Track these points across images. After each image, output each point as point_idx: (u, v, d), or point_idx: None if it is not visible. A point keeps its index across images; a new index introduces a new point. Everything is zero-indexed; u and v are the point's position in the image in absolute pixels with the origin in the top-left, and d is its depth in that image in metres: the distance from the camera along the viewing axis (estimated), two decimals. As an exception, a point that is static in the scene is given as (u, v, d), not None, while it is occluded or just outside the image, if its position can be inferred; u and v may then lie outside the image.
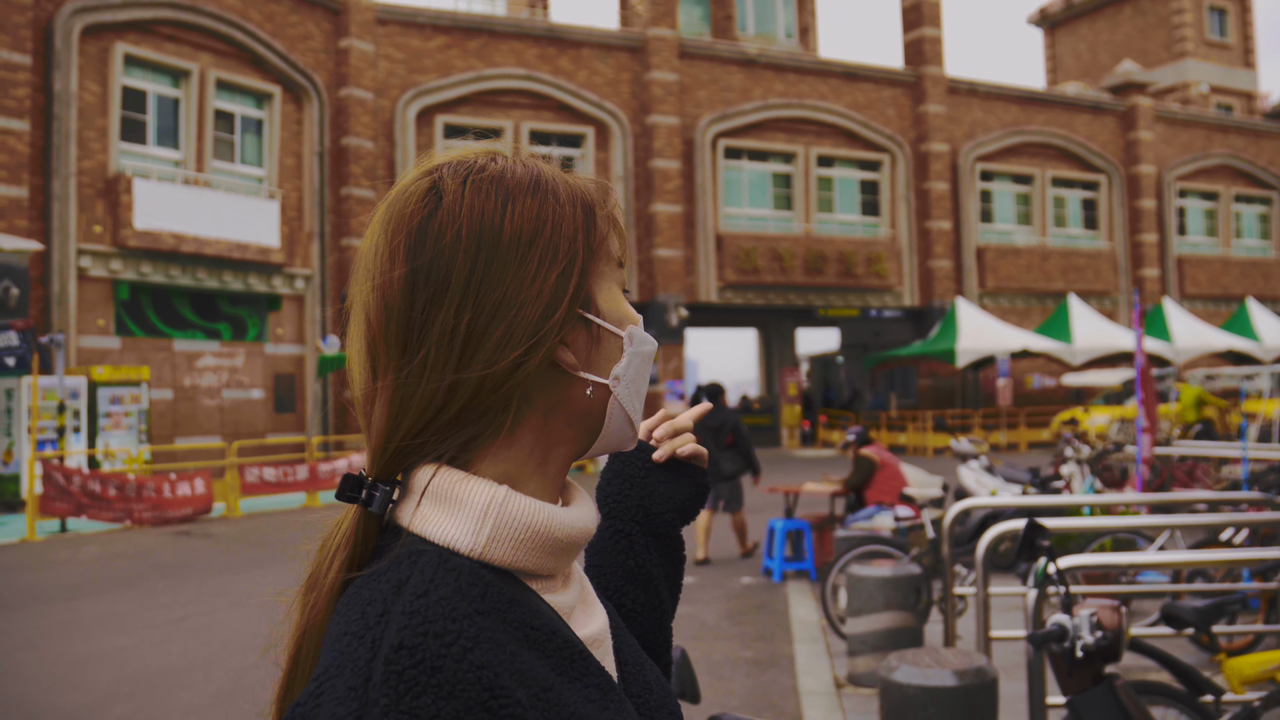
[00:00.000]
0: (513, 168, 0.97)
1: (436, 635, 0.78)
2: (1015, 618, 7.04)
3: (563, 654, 0.87)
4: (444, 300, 0.90)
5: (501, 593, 0.86)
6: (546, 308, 0.91)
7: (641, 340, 1.01)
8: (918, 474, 10.41)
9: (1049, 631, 3.38)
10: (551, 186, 0.97)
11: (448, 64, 25.13)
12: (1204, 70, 43.73)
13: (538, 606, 0.89)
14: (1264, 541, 7.21)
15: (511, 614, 0.85)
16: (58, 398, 15.71)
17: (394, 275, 0.92)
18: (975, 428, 28.62)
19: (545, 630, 0.87)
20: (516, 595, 0.88)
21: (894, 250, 29.96)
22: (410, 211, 0.93)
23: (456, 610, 0.81)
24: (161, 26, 20.36)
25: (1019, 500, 6.48)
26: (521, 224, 0.92)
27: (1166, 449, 11.74)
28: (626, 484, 1.28)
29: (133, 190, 19.10)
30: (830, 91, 29.85)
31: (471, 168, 0.96)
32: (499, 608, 0.85)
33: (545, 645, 0.86)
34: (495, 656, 0.80)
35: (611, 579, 1.25)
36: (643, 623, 1.25)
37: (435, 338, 0.90)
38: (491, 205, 0.93)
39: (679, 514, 1.28)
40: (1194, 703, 4.04)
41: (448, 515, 0.90)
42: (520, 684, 0.80)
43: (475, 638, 0.80)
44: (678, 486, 1.29)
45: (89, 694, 6.47)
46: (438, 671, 0.77)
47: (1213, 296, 35.65)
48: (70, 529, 14.36)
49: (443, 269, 0.91)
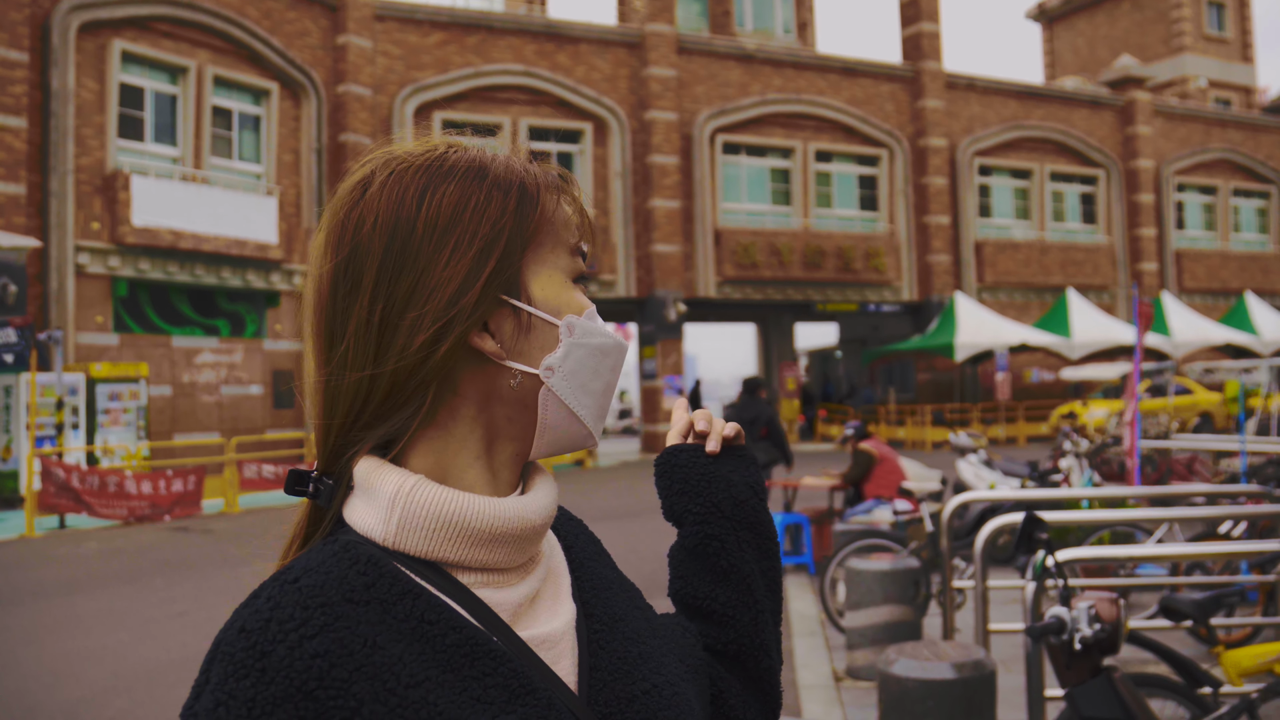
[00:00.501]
0: (458, 157, 0.95)
1: (279, 621, 0.79)
2: (1014, 611, 7.05)
3: (458, 651, 0.85)
4: (359, 292, 0.91)
5: (396, 584, 0.86)
6: (456, 291, 0.90)
7: (587, 332, 0.96)
8: (916, 468, 10.41)
9: (1047, 624, 3.38)
10: (487, 173, 0.94)
11: (446, 60, 25.11)
12: (1202, 64, 43.71)
13: (442, 601, 0.87)
14: (1262, 534, 7.21)
15: (400, 606, 0.85)
16: (56, 394, 15.71)
17: (323, 269, 0.94)
18: (974, 422, 28.64)
19: (441, 625, 0.86)
20: (419, 588, 0.87)
21: (892, 245, 29.95)
22: (339, 204, 0.95)
23: (320, 598, 0.82)
24: (159, 23, 20.33)
25: (1017, 494, 6.48)
26: (439, 210, 0.91)
27: (1165, 442, 11.74)
28: (702, 484, 1.19)
29: (130, 187, 19.08)
30: (828, 87, 29.83)
31: (409, 158, 0.95)
32: (384, 598, 0.85)
33: (437, 641, 0.85)
34: (340, 646, 0.79)
35: (699, 586, 1.18)
36: (735, 626, 1.16)
37: (353, 330, 0.91)
38: (410, 194, 0.92)
39: (758, 495, 1.23)
40: (1192, 695, 4.05)
41: (366, 505, 0.91)
42: (366, 677, 0.79)
43: (323, 625, 0.80)
44: (745, 469, 1.23)
45: (87, 689, 6.47)
46: (265, 656, 0.77)
47: (1211, 290, 35.66)
48: (69, 525, 14.36)
49: (360, 261, 0.92)
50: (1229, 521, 7.54)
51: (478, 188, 0.93)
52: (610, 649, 0.98)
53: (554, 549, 1.04)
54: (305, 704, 0.77)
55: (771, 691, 1.19)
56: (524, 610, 0.94)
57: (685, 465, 1.20)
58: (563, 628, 0.96)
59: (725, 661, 1.16)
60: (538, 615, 0.95)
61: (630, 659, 0.99)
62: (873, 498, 9.75)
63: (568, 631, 0.96)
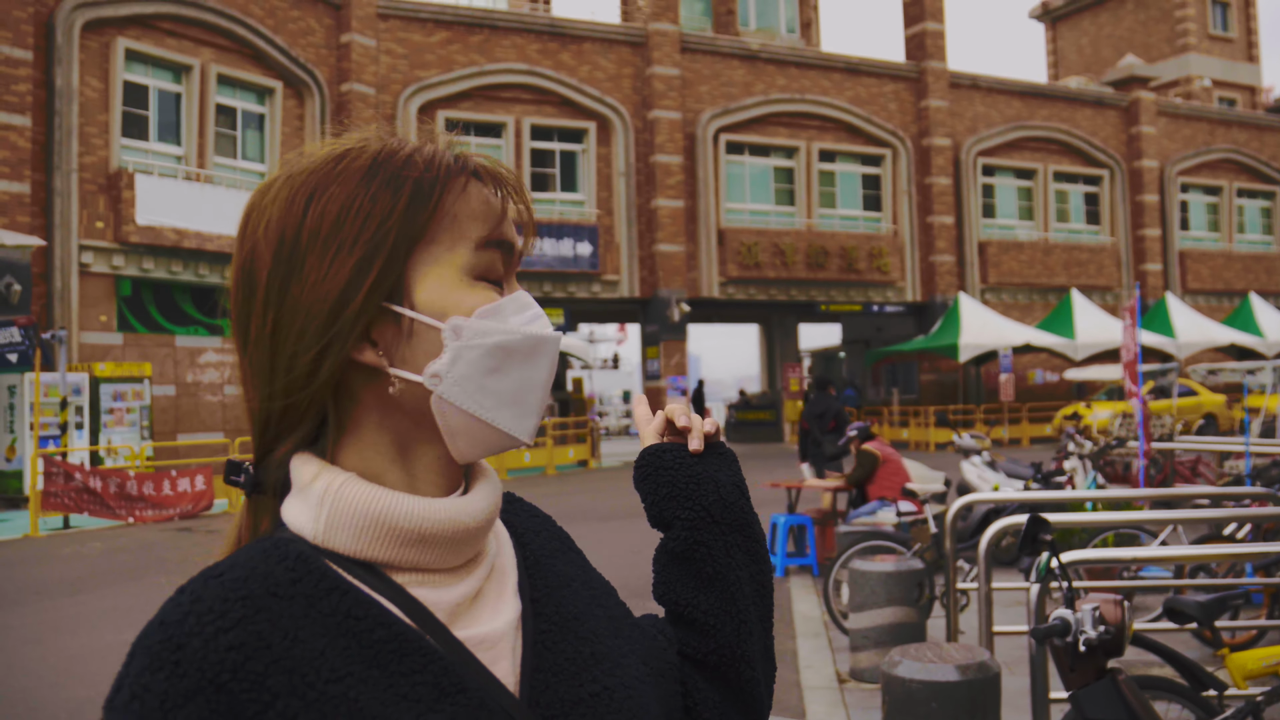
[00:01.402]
0: (357, 158, 0.92)
1: (197, 614, 0.79)
2: (1018, 613, 7.04)
3: (385, 647, 0.85)
4: (253, 300, 0.91)
5: (324, 580, 0.86)
6: (336, 303, 0.88)
7: (478, 333, 0.91)
8: (920, 469, 10.40)
9: (1051, 626, 3.37)
10: (379, 173, 0.91)
11: (449, 59, 25.12)
12: (1207, 64, 43.66)
13: (372, 598, 0.87)
14: (1267, 536, 7.20)
15: (326, 601, 0.85)
16: (60, 394, 15.72)
17: (231, 272, 0.95)
18: (977, 423, 28.61)
19: (369, 621, 0.85)
20: (347, 585, 0.86)
21: (896, 245, 29.94)
22: (246, 208, 0.95)
23: (240, 591, 0.82)
24: (163, 21, 20.35)
25: (1021, 495, 6.48)
26: (322, 215, 0.89)
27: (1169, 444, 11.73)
28: (690, 486, 1.14)
29: (134, 186, 19.10)
30: (832, 86, 29.81)
31: (310, 161, 0.93)
32: (310, 594, 0.84)
33: (364, 636, 0.84)
34: (257, 639, 0.79)
35: (682, 592, 1.13)
36: (717, 636, 1.11)
37: (253, 336, 0.91)
38: (299, 199, 0.91)
39: (745, 495, 1.18)
40: (1197, 698, 4.04)
41: (299, 503, 0.91)
42: (284, 670, 0.79)
43: (240, 619, 0.80)
44: (729, 467, 1.18)
45: (92, 688, 6.48)
46: (180, 649, 0.78)
47: (1215, 291, 35.61)
48: (73, 525, 14.37)
49: (254, 267, 0.92)
50: (1234, 524, 7.52)
51: (364, 188, 0.90)
52: (559, 649, 0.96)
53: (503, 546, 1.02)
54: (218, 697, 0.77)
55: (754, 704, 1.14)
56: (463, 609, 0.92)
57: (670, 467, 1.15)
58: (503, 627, 0.94)
59: (705, 671, 1.12)
60: (478, 615, 0.93)
61: (582, 659, 0.96)
62: (876, 499, 9.74)
63: (509, 631, 0.94)
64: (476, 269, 0.93)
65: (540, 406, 0.95)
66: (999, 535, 4.99)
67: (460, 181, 0.94)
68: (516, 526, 1.08)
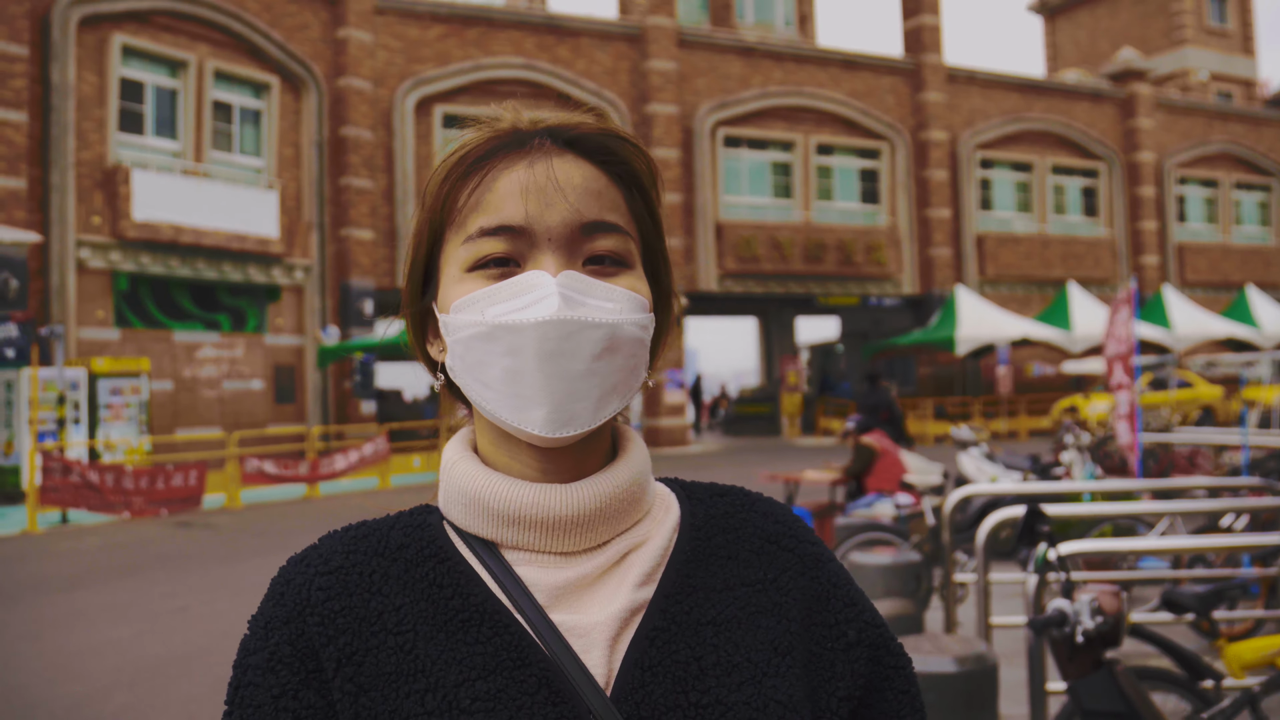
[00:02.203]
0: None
1: (309, 559, 0.96)
2: (1016, 604, 7.05)
3: (458, 616, 0.92)
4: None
5: (429, 548, 0.96)
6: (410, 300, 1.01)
7: (459, 326, 0.93)
8: (918, 462, 10.40)
9: (1049, 617, 3.38)
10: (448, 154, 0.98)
11: (446, 53, 25.08)
12: (1203, 57, 43.65)
13: (470, 570, 0.94)
14: (1264, 527, 7.21)
15: (422, 567, 0.95)
16: (58, 389, 15.71)
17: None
18: (975, 415, 28.63)
19: (450, 590, 0.93)
20: (452, 555, 0.95)
21: (893, 238, 29.93)
22: None
23: (350, 546, 0.96)
24: (159, 17, 20.32)
25: (1019, 487, 6.48)
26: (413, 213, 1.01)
27: (1167, 436, 11.74)
28: None
29: (131, 181, 19.07)
30: (829, 80, 29.79)
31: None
32: (412, 558, 0.95)
33: (442, 603, 0.93)
34: (343, 586, 0.93)
35: None
36: None
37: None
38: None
39: None
40: (1194, 688, 4.05)
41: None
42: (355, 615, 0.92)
43: (337, 567, 0.94)
44: None
45: (90, 684, 6.48)
46: (287, 584, 0.94)
47: (1213, 284, 35.62)
48: (71, 520, 14.37)
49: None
50: (1231, 515, 7.53)
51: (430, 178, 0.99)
52: (671, 649, 0.92)
53: (656, 536, 0.99)
54: (299, 626, 0.91)
55: None
56: (568, 593, 0.93)
57: None
58: (605, 618, 0.92)
59: None
60: (585, 601, 0.94)
61: (699, 666, 0.92)
62: (874, 491, 9.74)
63: (610, 622, 0.92)
64: (466, 262, 0.94)
65: (548, 395, 0.91)
66: (996, 527, 5.00)
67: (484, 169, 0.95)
68: (700, 518, 1.03)
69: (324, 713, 0.89)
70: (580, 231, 0.94)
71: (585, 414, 0.92)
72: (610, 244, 0.95)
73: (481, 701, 0.87)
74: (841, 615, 1.01)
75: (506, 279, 0.93)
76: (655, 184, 1.02)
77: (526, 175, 0.94)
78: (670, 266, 1.05)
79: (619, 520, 0.96)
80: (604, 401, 0.93)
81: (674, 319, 1.06)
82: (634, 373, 0.96)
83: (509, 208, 0.93)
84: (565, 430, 0.91)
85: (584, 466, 0.97)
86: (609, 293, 0.93)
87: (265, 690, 0.90)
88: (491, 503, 0.94)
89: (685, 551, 0.99)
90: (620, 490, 0.96)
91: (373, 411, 22.72)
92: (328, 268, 23.13)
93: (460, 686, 0.87)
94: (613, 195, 0.97)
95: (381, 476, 18.37)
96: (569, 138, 0.97)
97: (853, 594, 1.03)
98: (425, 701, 0.87)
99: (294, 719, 0.89)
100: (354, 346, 21.33)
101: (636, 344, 0.95)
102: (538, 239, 0.93)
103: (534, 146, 0.95)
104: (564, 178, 0.94)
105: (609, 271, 0.95)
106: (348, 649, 0.90)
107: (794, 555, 1.03)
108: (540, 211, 0.93)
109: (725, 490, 1.08)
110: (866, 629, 1.02)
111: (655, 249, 1.02)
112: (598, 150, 0.97)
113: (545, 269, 0.92)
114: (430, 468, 19.39)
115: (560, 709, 0.87)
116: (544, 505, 0.93)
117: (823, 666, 0.98)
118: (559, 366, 0.90)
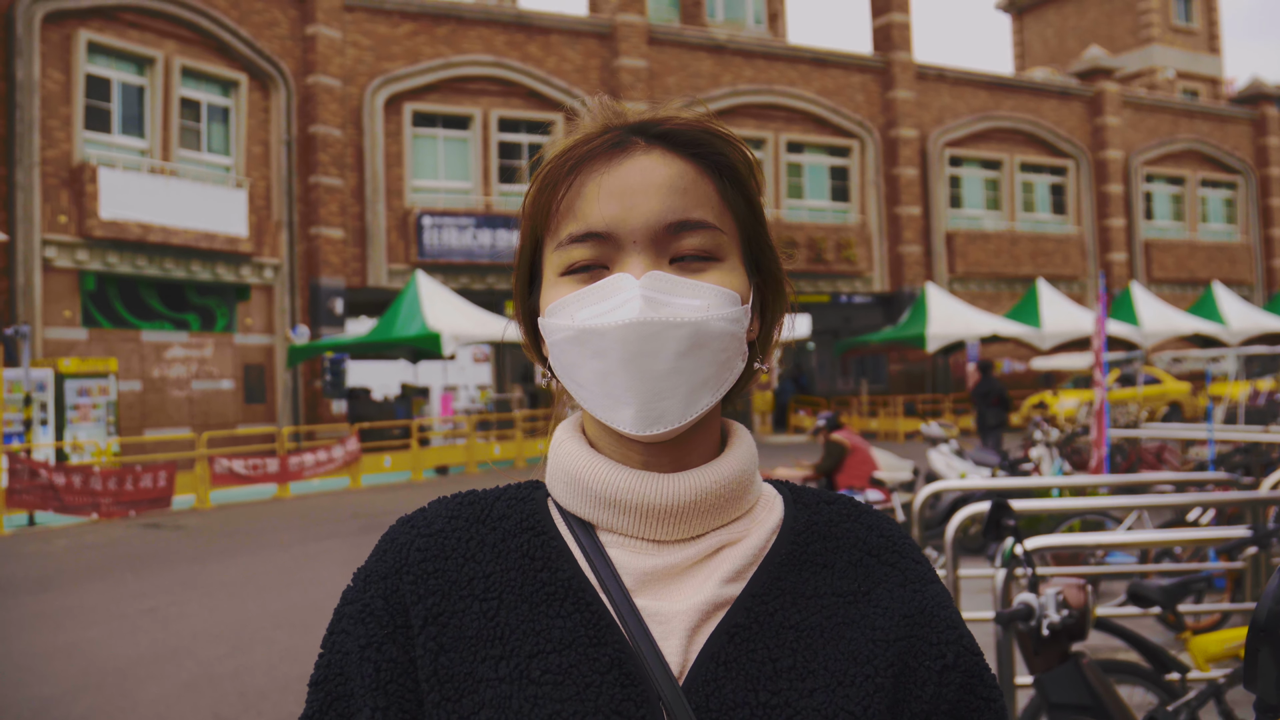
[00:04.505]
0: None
1: (413, 521, 1.02)
2: (985, 600, 7.09)
3: (543, 589, 0.95)
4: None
5: (528, 520, 1.01)
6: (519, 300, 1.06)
7: (552, 330, 0.97)
8: (888, 458, 10.44)
9: (1015, 610, 3.40)
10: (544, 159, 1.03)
11: (416, 51, 24.98)
12: (1170, 56, 44.03)
13: (563, 546, 0.98)
14: (1229, 521, 7.28)
15: (518, 539, 0.99)
16: (24, 390, 15.54)
17: None
18: (945, 412, 28.77)
19: (540, 563, 0.97)
20: (548, 529, 0.99)
21: (864, 236, 30.04)
22: None
23: (454, 512, 1.02)
24: (125, 13, 20.12)
25: (988, 483, 6.51)
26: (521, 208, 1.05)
27: (1134, 431, 11.83)
28: None
29: (98, 179, 18.89)
30: (799, 78, 29.86)
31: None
32: (510, 529, 1.00)
33: (531, 575, 0.96)
34: (439, 548, 0.98)
35: None
36: None
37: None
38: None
39: None
40: (1160, 680, 4.08)
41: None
42: (445, 578, 0.97)
43: (437, 531, 1.00)
44: None
45: (57, 686, 6.42)
46: (391, 541, 1.01)
47: (1180, 280, 35.95)
48: (39, 522, 14.22)
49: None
50: (1197, 509, 7.61)
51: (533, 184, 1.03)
52: (749, 648, 0.93)
53: (753, 534, 1.00)
54: (393, 582, 0.97)
55: None
56: (655, 580, 0.95)
57: None
58: (688, 609, 0.93)
59: None
60: (671, 590, 0.96)
61: (774, 667, 0.92)
62: (845, 488, 9.77)
63: (692, 613, 0.93)
64: (562, 265, 0.97)
65: (634, 395, 0.92)
66: (965, 523, 5.02)
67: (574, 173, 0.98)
68: (802, 524, 1.03)
69: (404, 667, 0.94)
70: (666, 231, 0.95)
71: (674, 411, 0.93)
72: (698, 241, 0.96)
73: (552, 674, 0.90)
74: (942, 636, 0.99)
75: (595, 282, 0.95)
76: (752, 173, 1.03)
77: (612, 178, 0.95)
78: (776, 254, 1.08)
79: (716, 515, 0.98)
80: (694, 397, 0.94)
81: (786, 305, 1.11)
82: (727, 365, 0.96)
83: (594, 213, 0.95)
84: (655, 428, 0.93)
85: (687, 458, 0.99)
86: (696, 290, 0.94)
87: (354, 639, 0.96)
88: (591, 484, 0.97)
89: (781, 554, 1.00)
90: (718, 485, 0.98)
91: (343, 411, 22.59)
92: (297, 266, 22.99)
93: (534, 658, 0.91)
94: (703, 189, 0.97)
95: (353, 476, 18.27)
96: (658, 132, 0.98)
97: (954, 617, 1.01)
98: (499, 668, 0.91)
99: (375, 669, 0.94)
100: (324, 346, 21.21)
101: (727, 338, 0.95)
102: (623, 242, 0.95)
103: (621, 146, 0.97)
104: (649, 177, 0.95)
105: (697, 268, 0.96)
106: (435, 609, 0.94)
107: (894, 570, 1.02)
108: (624, 215, 0.94)
109: (834, 499, 1.08)
110: (964, 655, 1.00)
111: (756, 238, 1.04)
112: (689, 143, 0.98)
113: (631, 271, 0.94)
114: (400, 467, 19.32)
115: (629, 690, 0.89)
116: (640, 492, 0.96)
117: (913, 684, 0.96)
118: (643, 367, 0.92)
